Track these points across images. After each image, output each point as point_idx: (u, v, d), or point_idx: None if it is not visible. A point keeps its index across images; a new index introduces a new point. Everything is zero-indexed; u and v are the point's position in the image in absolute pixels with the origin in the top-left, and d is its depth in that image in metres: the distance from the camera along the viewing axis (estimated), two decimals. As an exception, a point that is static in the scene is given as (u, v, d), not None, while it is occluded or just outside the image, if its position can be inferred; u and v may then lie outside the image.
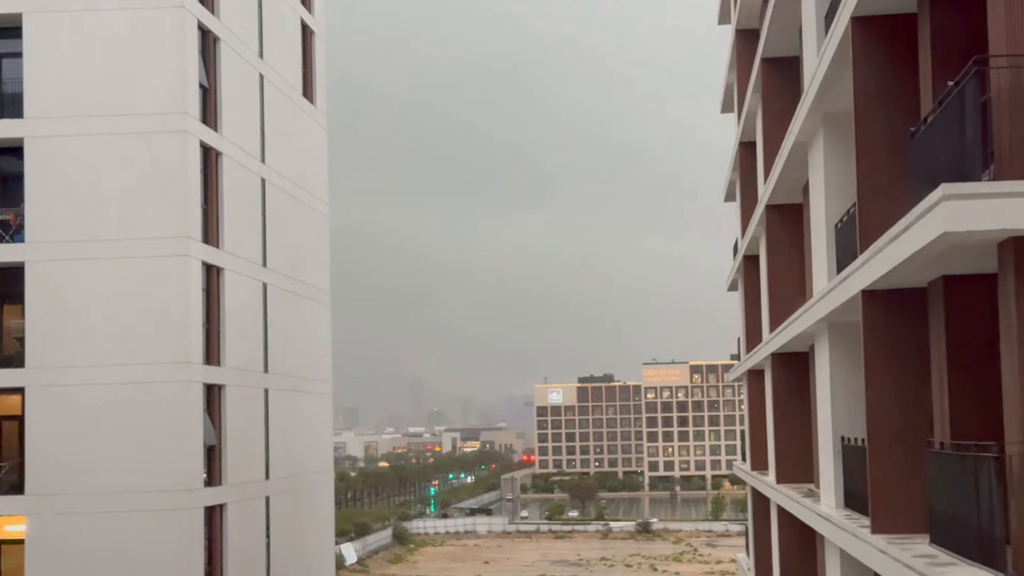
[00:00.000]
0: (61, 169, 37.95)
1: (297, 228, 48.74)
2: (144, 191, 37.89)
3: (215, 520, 39.23)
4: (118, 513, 36.90)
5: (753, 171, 35.93)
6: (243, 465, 41.27)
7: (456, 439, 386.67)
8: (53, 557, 36.83)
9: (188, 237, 37.83)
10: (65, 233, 37.77)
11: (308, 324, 49.80)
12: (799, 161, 24.29)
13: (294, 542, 46.29)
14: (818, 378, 23.04)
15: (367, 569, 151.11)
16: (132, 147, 37.98)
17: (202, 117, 39.54)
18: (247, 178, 43.01)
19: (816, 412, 24.00)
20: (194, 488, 37.64)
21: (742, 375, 37.79)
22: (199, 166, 39.04)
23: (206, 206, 39.62)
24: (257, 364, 43.35)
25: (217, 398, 39.65)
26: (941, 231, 11.75)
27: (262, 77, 45.11)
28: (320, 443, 51.03)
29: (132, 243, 37.63)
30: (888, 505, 16.38)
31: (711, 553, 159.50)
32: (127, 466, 37.03)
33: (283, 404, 45.47)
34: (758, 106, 31.54)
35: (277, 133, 46.39)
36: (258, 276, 43.60)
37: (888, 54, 17.02)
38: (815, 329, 22.29)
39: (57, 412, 37.21)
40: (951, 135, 12.65)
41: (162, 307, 37.55)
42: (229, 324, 40.34)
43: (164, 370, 37.32)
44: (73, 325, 37.49)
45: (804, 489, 26.17)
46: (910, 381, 16.59)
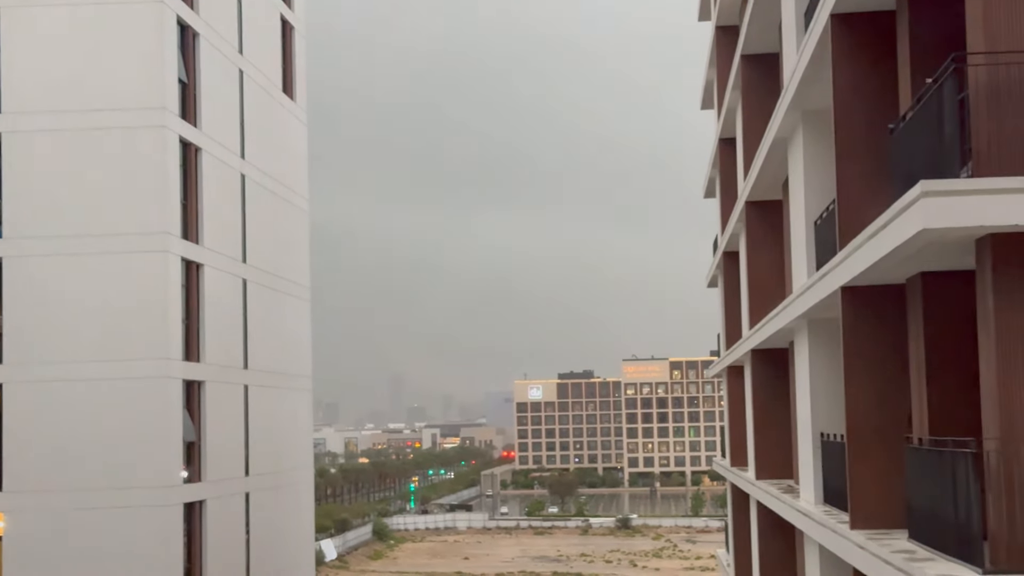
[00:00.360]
0: (39, 164, 37.80)
1: (277, 224, 48.65)
2: (123, 187, 37.76)
3: (194, 516, 39.16)
4: (97, 510, 36.79)
5: (733, 168, 35.98)
6: (222, 461, 41.18)
7: (436, 435, 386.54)
8: (31, 554, 36.70)
9: (167, 233, 37.72)
10: (43, 228, 37.62)
11: (288, 320, 49.72)
12: (779, 158, 24.33)
13: (274, 538, 46.23)
14: (797, 374, 23.10)
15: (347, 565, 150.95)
16: (111, 142, 37.86)
17: (181, 112, 39.42)
18: (227, 174, 42.90)
19: (796, 408, 24.07)
20: (173, 484, 37.56)
21: (722, 371, 37.85)
22: (178, 162, 38.94)
23: (185, 202, 39.52)
24: (237, 360, 43.26)
25: (196, 394, 39.56)
26: (920, 228, 11.80)
27: (242, 73, 45.00)
28: (300, 439, 50.96)
29: (111, 239, 37.51)
30: (867, 501, 16.44)
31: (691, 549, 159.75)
32: (106, 462, 36.93)
33: (263, 400, 45.40)
34: (738, 103, 31.59)
35: (257, 129, 46.29)
36: (238, 272, 43.51)
37: (867, 51, 17.07)
38: (794, 325, 22.35)
39: (35, 408, 37.07)
40: (929, 132, 12.70)
41: (141, 303, 37.44)
42: (209, 320, 40.26)
43: (143, 366, 37.21)
44: (51, 321, 37.35)
45: (784, 485, 26.23)
46: (889, 377, 16.65)
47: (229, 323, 42.67)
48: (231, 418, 42.40)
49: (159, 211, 37.80)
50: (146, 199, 37.77)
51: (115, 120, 37.84)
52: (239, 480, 42.90)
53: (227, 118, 43.50)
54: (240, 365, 43.53)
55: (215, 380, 40.72)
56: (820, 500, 20.68)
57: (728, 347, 36.28)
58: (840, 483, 18.11)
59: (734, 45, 32.73)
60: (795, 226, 22.73)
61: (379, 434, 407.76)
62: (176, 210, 38.62)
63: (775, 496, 24.38)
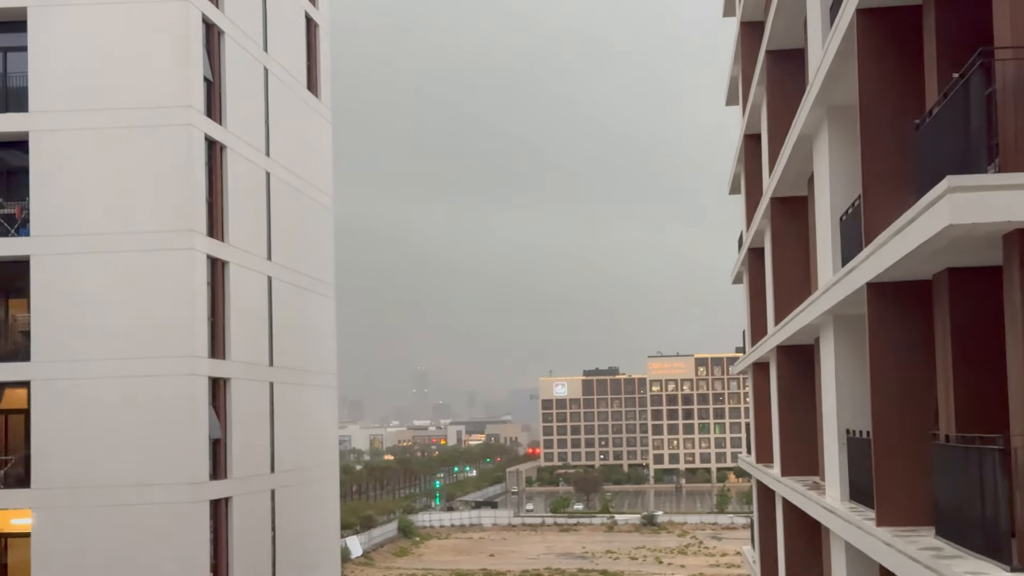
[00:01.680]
0: (66, 163, 37.99)
1: (301, 221, 48.77)
2: (149, 185, 37.91)
3: (220, 513, 39.30)
4: (124, 507, 36.96)
5: (758, 164, 35.88)
6: (248, 459, 41.33)
7: (461, 432, 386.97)
8: (59, 551, 36.90)
9: (193, 231, 37.86)
10: (70, 227, 37.80)
11: (313, 317, 49.85)
12: (804, 154, 24.25)
13: (299, 535, 46.36)
14: (823, 371, 23.02)
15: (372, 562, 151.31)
16: (137, 141, 38.01)
17: (207, 111, 39.56)
18: (251, 171, 43.03)
19: (821, 405, 24.00)
20: (199, 481, 37.70)
21: (747, 368, 37.76)
22: (204, 159, 39.08)
23: (211, 200, 39.66)
24: (262, 358, 43.39)
25: (222, 392, 39.70)
26: (946, 223, 11.73)
27: (266, 71, 45.12)
28: (325, 436, 51.10)
29: (137, 237, 37.66)
30: (893, 498, 16.37)
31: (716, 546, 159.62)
32: (132, 460, 37.09)
33: (288, 398, 45.53)
34: (763, 99, 31.50)
35: (281, 127, 46.41)
36: (263, 269, 43.63)
37: (893, 46, 16.98)
38: (820, 322, 22.27)
39: (63, 406, 37.26)
40: (956, 127, 12.62)
41: (167, 301, 37.58)
42: (234, 318, 40.39)
43: (169, 364, 37.36)
44: (78, 319, 37.53)
45: (809, 482, 26.15)
46: (915, 374, 16.57)
47: (254, 320, 42.80)
48: (257, 415, 42.54)
49: (185, 209, 37.94)
50: (172, 197, 37.91)
51: (141, 119, 37.99)
52: (265, 477, 43.03)
53: (252, 116, 43.62)
54: (265, 362, 43.67)
55: (241, 377, 40.86)
56: (846, 497, 20.61)
57: (753, 344, 36.19)
58: (866, 480, 18.04)
59: (759, 41, 32.63)
60: (820, 222, 22.65)
61: (404, 431, 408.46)
62: (202, 208, 38.76)
63: (801, 493, 24.31)
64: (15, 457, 38.17)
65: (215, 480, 38.96)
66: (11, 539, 38.63)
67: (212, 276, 39.41)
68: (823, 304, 20.32)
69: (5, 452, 38.48)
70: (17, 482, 37.73)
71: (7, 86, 39.40)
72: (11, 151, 39.16)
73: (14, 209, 38.51)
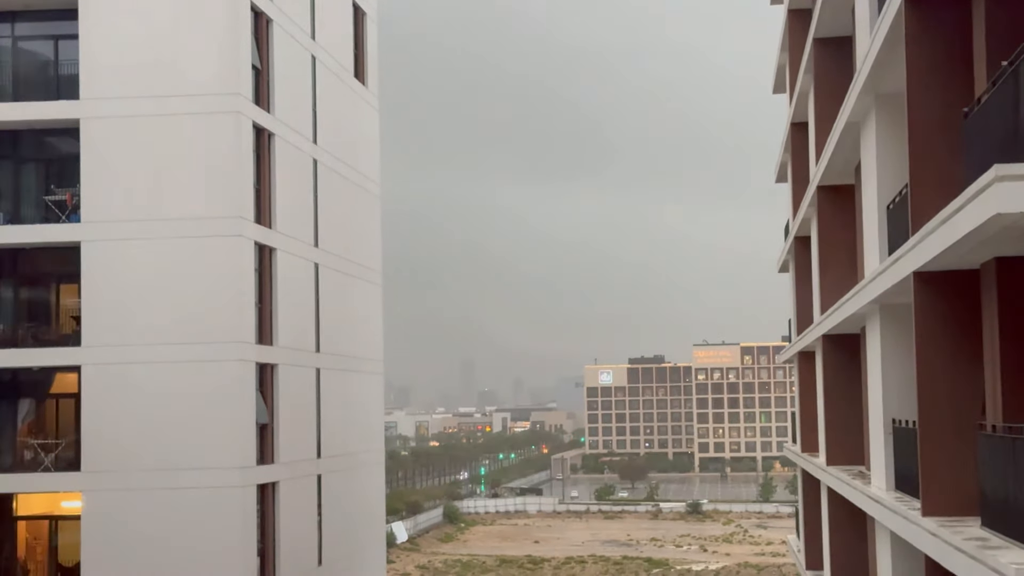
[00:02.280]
0: (116, 150, 38.30)
1: (349, 208, 48.96)
2: (198, 171, 38.16)
3: (267, 498, 39.58)
4: (172, 490, 37.29)
5: (805, 152, 35.71)
6: (295, 444, 41.59)
7: (506, 419, 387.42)
8: (108, 533, 37.29)
9: (241, 217, 38.10)
10: (120, 213, 38.12)
11: (359, 304, 50.06)
12: (851, 142, 24.12)
13: (345, 520, 46.63)
14: (869, 360, 22.92)
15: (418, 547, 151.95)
16: (185, 128, 38.26)
17: (255, 98, 39.77)
18: (299, 158, 43.23)
19: (867, 394, 23.89)
20: (247, 466, 37.98)
21: (793, 357, 37.64)
22: (252, 147, 39.29)
23: (259, 186, 39.88)
24: (309, 343, 43.63)
25: (270, 377, 39.95)
26: (994, 212, 11.65)
27: (314, 58, 45.28)
28: (371, 422, 51.33)
29: (186, 223, 37.94)
30: (939, 488, 16.29)
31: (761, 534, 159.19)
32: (181, 444, 37.40)
33: (334, 383, 45.76)
34: (810, 86, 31.33)
35: (329, 114, 46.58)
36: (310, 256, 43.85)
37: (942, 33, 16.85)
38: (866, 311, 22.16)
39: (113, 390, 37.62)
40: (1005, 115, 12.52)
41: (215, 287, 37.85)
42: (281, 304, 40.62)
43: (218, 349, 37.64)
44: (128, 304, 37.86)
45: (854, 471, 26.06)
46: (962, 363, 16.47)
47: (301, 307, 43.03)
48: (303, 401, 42.78)
49: (233, 196, 38.17)
50: (220, 184, 38.15)
51: (190, 106, 38.23)
52: (311, 462, 43.30)
53: (299, 104, 43.82)
54: (312, 348, 43.90)
55: (288, 363, 41.10)
56: (891, 486, 20.53)
57: (799, 332, 36.06)
58: (912, 470, 17.96)
59: (806, 28, 32.45)
60: (867, 211, 22.53)
61: (450, 418, 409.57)
62: (249, 195, 38.99)
63: (846, 482, 24.23)
64: (65, 441, 38.59)
65: (262, 465, 39.24)
66: (62, 521, 39.08)
67: (260, 263, 39.65)
68: (869, 293, 20.22)
69: (56, 436, 38.92)
70: (68, 466, 38.13)
71: (59, 74, 39.80)
72: (63, 138, 39.56)
73: (65, 196, 38.89)
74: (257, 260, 39.40)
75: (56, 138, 39.91)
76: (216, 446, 37.45)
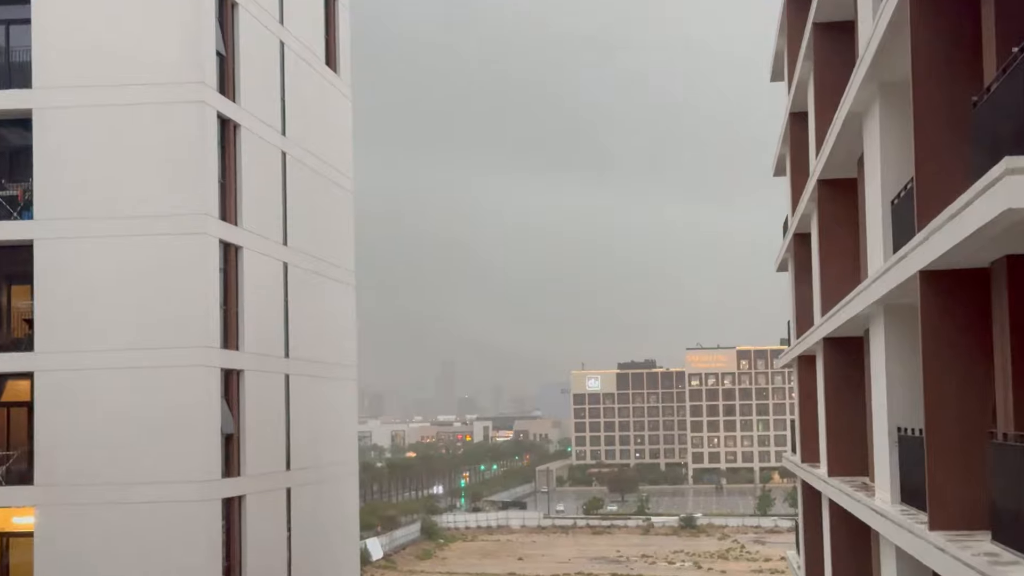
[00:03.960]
0: (71, 142, 38.16)
1: (320, 204, 48.89)
2: (159, 165, 38.05)
3: (233, 513, 39.49)
4: (132, 505, 37.14)
5: (804, 144, 35.78)
6: (262, 455, 41.50)
7: (488, 428, 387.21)
8: (63, 551, 37.13)
9: (205, 214, 38.00)
10: (75, 209, 37.98)
11: (331, 306, 49.98)
12: (853, 133, 24.17)
13: (317, 536, 46.54)
14: (873, 364, 22.96)
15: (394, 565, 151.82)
16: (146, 119, 38.14)
17: (219, 87, 39.67)
18: (267, 151, 43.15)
19: (871, 401, 23.95)
20: (211, 479, 37.87)
21: (792, 361, 37.70)
22: (216, 139, 39.19)
23: (224, 181, 39.78)
24: (277, 348, 43.56)
25: (235, 384, 39.86)
26: (1004, 207, 11.68)
27: (283, 45, 45.21)
28: (344, 432, 51.25)
29: (146, 220, 37.82)
30: (947, 500, 16.33)
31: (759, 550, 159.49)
32: (141, 456, 37.27)
33: (305, 391, 45.68)
34: (809, 74, 31.39)
35: (299, 104, 46.51)
36: (279, 255, 43.77)
37: (949, 18, 16.89)
38: (870, 312, 22.21)
39: (68, 398, 37.47)
40: (1015, 105, 12.55)
41: (178, 288, 37.74)
42: (248, 306, 40.54)
43: (180, 355, 37.52)
44: (84, 307, 37.72)
45: (858, 482, 26.11)
46: (971, 368, 16.51)
47: (269, 309, 42.95)
48: (271, 409, 42.71)
49: (196, 191, 38.06)
50: (183, 178, 38.04)
51: (150, 95, 38.11)
52: (280, 475, 43.22)
53: (267, 93, 43.74)
54: (281, 353, 43.83)
55: (255, 369, 41.02)
56: (897, 499, 20.57)
57: (799, 335, 36.12)
58: (918, 481, 18.00)
59: (806, 13, 32.50)
60: (871, 206, 22.58)
61: (428, 427, 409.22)
62: (214, 190, 38.89)
63: (848, 494, 24.27)
64: (17, 453, 38.41)
65: (228, 478, 39.12)
66: (13, 539, 38.90)
67: (225, 262, 39.55)
68: (873, 293, 20.26)
69: (7, 447, 38.72)
70: (19, 479, 37.96)
71: (9, 61, 39.59)
72: (14, 129, 39.37)
73: (17, 191, 38.73)
74: (222, 259, 39.29)
75: (7, 129, 39.72)
76: (178, 458, 37.32)
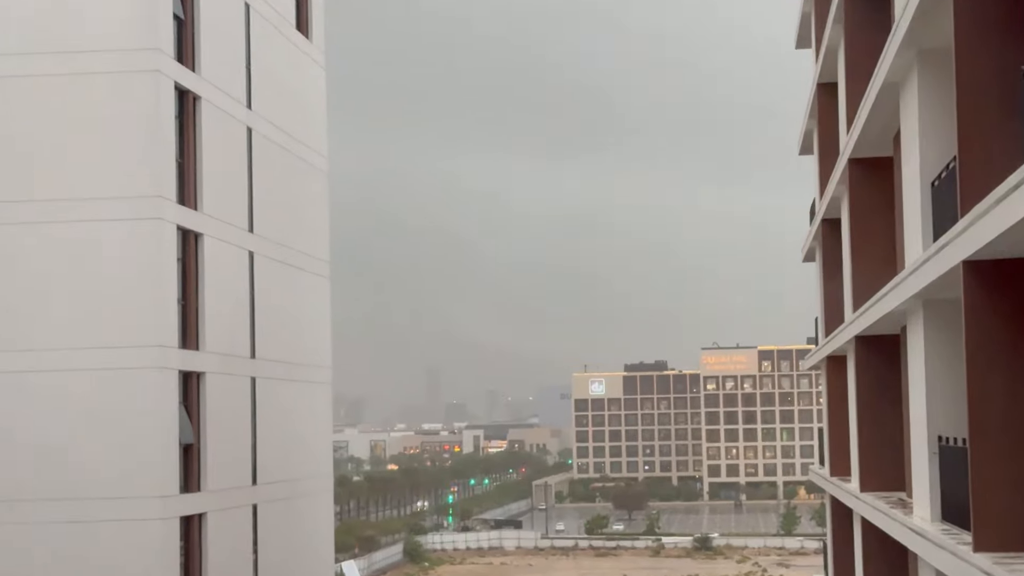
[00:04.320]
0: (11, 116, 38.10)
1: (290, 186, 48.84)
2: (109, 142, 37.98)
3: (193, 532, 39.44)
4: (80, 524, 37.09)
5: (834, 118, 35.75)
6: (226, 468, 41.46)
7: (479, 437, 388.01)
8: (5, 574, 37.08)
9: (161, 197, 37.94)
10: (14, 192, 37.91)
11: (304, 301, 49.95)
12: (889, 106, 24.15)
13: (286, 558, 46.53)
14: (911, 366, 22.96)
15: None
16: (94, 90, 38.07)
17: (177, 54, 39.59)
18: (230, 127, 43.09)
19: (909, 407, 23.95)
20: (168, 495, 37.83)
21: (820, 362, 37.72)
22: (173, 113, 39.12)
23: (182, 160, 39.72)
24: (242, 348, 43.52)
25: (195, 388, 39.81)
26: (1058, 189, 11.67)
27: (248, 7, 45.13)
28: (317, 442, 51.24)
29: (95, 203, 37.74)
30: (994, 518, 16.33)
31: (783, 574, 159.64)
32: (89, 469, 37.20)
33: (273, 396, 45.65)
34: (840, 40, 31.37)
35: (266, 74, 46.43)
36: (244, 243, 43.72)
37: (997, -23, 16.87)
38: (908, 307, 22.21)
39: (7, 404, 37.42)
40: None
41: (130, 280, 37.67)
42: (209, 300, 40.48)
43: (132, 355, 37.46)
44: (25, 302, 37.65)
45: (894, 498, 26.15)
46: (1021, 370, 16.51)
47: (234, 304, 42.91)
48: (236, 417, 42.66)
49: (152, 171, 38.00)
50: (136, 157, 37.97)
51: (99, 64, 38.04)
52: (245, 490, 43.19)
53: (231, 61, 43.67)
54: (246, 354, 43.79)
55: (217, 371, 40.98)
56: (938, 516, 20.58)
57: (827, 333, 36.14)
58: (962, 496, 17.99)
59: (836, -29, 32.48)
60: (908, 188, 22.57)
61: (412, 436, 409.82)
62: (171, 170, 38.82)
63: (883, 512, 24.29)
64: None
65: (187, 493, 39.10)
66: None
67: (183, 251, 39.49)
68: (911, 286, 20.25)
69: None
70: (-47, 495, 37.95)
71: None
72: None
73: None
74: (180, 248, 39.24)
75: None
76: (132, 471, 37.28)
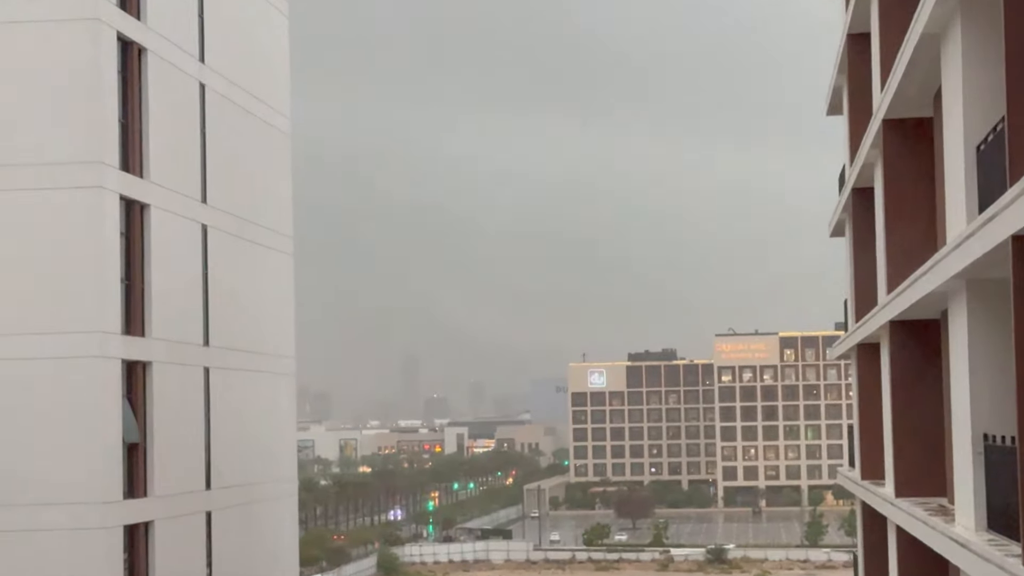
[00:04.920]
0: (-71, 71, 38.04)
1: (249, 152, 48.77)
2: (41, 101, 37.93)
3: (138, 543, 39.46)
4: (11, 533, 37.10)
5: (867, 74, 35.75)
6: (176, 470, 41.46)
7: (463, 436, 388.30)
8: (-78, 592, 37.14)
9: (101, 162, 37.88)
10: (-65, 157, 37.86)
11: (264, 281, 49.92)
12: (929, 60, 24.15)
13: (244, 572, 46.55)
14: (953, 355, 22.99)
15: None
16: (23, 41, 37.99)
17: (119, 1, 39.50)
18: (181, 83, 43.01)
19: (950, 401, 23.98)
20: (111, 501, 37.84)
21: (850, 350, 37.76)
22: (116, 67, 39.03)
23: (125, 121, 39.65)
24: (195, 335, 43.48)
25: (141, 380, 39.80)
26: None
27: (200, -54, 45.08)
28: (280, 441, 51.26)
29: (25, 170, 37.68)
30: (1046, 527, 16.38)
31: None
32: (20, 472, 37.20)
33: (229, 388, 45.63)
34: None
35: (221, 23, 46.32)
36: (196, 216, 43.66)
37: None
38: (949, 288, 22.22)
39: (-74, 398, 37.42)
40: None
41: (66, 257, 37.62)
42: (157, 281, 40.43)
43: (69, 342, 37.42)
44: (-53, 281, 37.64)
45: (933, 505, 26.20)
46: (1078, 359, 16.54)
47: (185, 285, 42.86)
48: (187, 412, 42.64)
49: (90, 133, 37.94)
50: (72, 117, 37.92)
51: (31, 10, 37.97)
52: (198, 495, 43.19)
53: (181, 9, 43.57)
54: (199, 341, 43.76)
55: (165, 361, 40.94)
56: (983, 525, 20.62)
57: (858, 318, 36.17)
58: (1009, 502, 18.04)
59: (869, -94, 32.47)
60: (951, 153, 22.57)
61: (386, 434, 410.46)
62: (113, 132, 38.75)
63: (921, 520, 24.34)
64: None
65: (132, 499, 39.12)
66: None
67: (127, 224, 39.44)
68: (953, 264, 20.25)
69: None
70: None
71: None
72: None
73: None
74: (123, 221, 39.19)
75: None
76: (69, 474, 37.27)
